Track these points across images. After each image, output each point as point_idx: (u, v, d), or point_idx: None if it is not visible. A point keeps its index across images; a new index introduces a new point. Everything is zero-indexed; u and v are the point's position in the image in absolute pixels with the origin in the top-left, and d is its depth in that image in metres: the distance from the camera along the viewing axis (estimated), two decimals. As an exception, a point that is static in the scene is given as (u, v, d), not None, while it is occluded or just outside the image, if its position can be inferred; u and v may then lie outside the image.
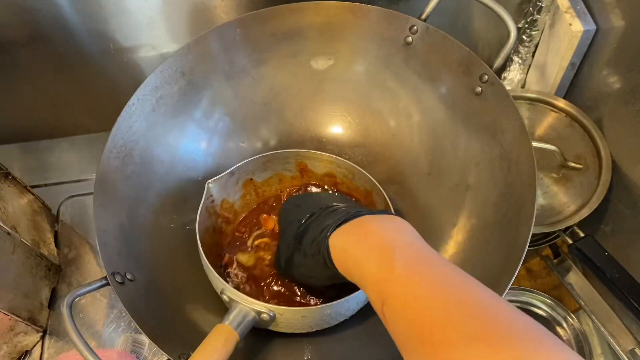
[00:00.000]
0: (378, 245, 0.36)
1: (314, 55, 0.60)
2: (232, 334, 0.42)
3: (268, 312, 0.44)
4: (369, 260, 0.35)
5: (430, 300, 0.30)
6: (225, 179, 0.53)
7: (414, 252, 0.35)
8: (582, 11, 0.60)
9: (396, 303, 0.32)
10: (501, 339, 0.25)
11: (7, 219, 0.56)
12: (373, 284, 0.34)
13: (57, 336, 0.61)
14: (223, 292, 0.45)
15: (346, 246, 0.39)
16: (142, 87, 0.53)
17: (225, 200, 0.55)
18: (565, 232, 0.60)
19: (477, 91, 0.53)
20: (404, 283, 0.32)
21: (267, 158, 0.56)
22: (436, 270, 0.33)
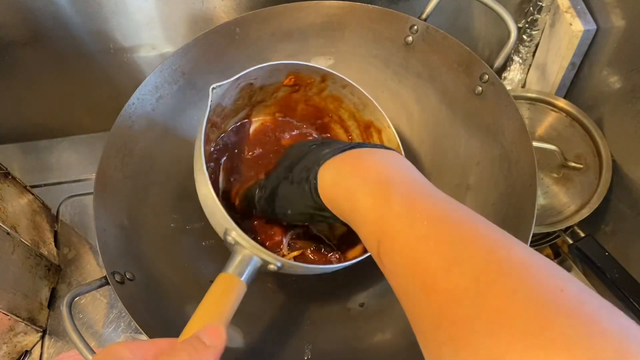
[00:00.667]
0: (374, 177, 0.32)
1: (314, 55, 0.60)
2: (238, 284, 0.38)
3: (276, 263, 0.40)
4: (363, 193, 0.31)
5: (434, 240, 0.26)
6: (229, 85, 0.48)
7: (415, 186, 0.31)
8: (582, 11, 0.60)
9: (394, 244, 0.28)
10: (517, 287, 0.21)
11: (6, 218, 0.56)
12: (367, 220, 0.30)
13: (56, 336, 0.60)
14: (228, 233, 0.40)
15: (337, 177, 0.34)
16: (142, 87, 0.53)
17: (219, 105, 0.50)
18: (565, 232, 0.60)
19: (477, 91, 0.53)
20: (403, 221, 0.28)
21: (276, 67, 0.50)
22: (439, 207, 0.28)
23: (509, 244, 0.24)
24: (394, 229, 0.28)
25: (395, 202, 0.29)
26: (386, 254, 0.28)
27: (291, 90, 0.55)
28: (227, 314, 0.36)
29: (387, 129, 0.51)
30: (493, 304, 0.21)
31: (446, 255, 0.24)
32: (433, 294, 0.24)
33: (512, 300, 0.21)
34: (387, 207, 0.29)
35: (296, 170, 0.40)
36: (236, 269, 0.39)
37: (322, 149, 0.39)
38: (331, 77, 0.52)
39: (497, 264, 0.23)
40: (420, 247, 0.26)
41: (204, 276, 0.53)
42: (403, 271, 0.27)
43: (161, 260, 0.51)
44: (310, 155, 0.39)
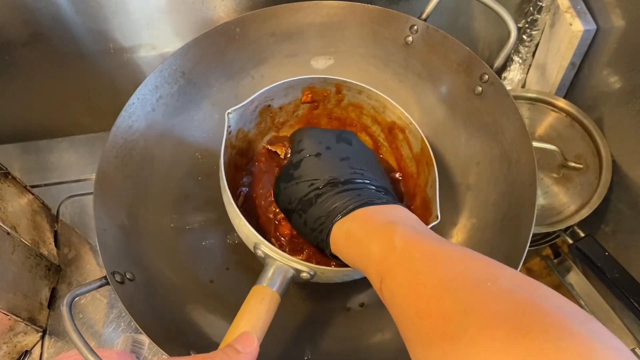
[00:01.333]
0: (380, 227, 0.37)
1: (314, 55, 0.60)
2: (274, 297, 0.39)
3: (309, 271, 0.41)
4: (371, 240, 0.36)
5: (428, 274, 0.30)
6: (245, 108, 0.49)
7: (414, 231, 0.35)
8: (582, 11, 0.60)
9: (394, 279, 0.32)
10: (500, 309, 0.24)
11: (6, 218, 0.56)
12: (373, 262, 0.35)
13: (56, 336, 0.60)
14: (257, 247, 0.42)
15: (350, 231, 0.40)
16: (142, 87, 0.53)
17: (240, 130, 0.52)
18: (565, 232, 0.60)
19: (477, 91, 0.53)
20: (403, 260, 0.32)
21: (289, 84, 0.52)
22: (435, 247, 0.32)
23: (495, 275, 0.28)
24: (394, 267, 0.32)
25: (397, 244, 0.34)
26: (387, 288, 0.32)
27: (310, 107, 0.56)
28: (260, 324, 0.38)
29: (409, 125, 0.51)
30: (477, 323, 0.24)
31: (438, 286, 0.28)
32: (426, 318, 0.28)
33: (493, 318, 0.24)
34: (391, 249, 0.34)
35: (310, 214, 0.45)
36: (269, 280, 0.40)
37: (334, 200, 0.43)
38: (345, 85, 0.53)
39: (482, 292, 0.26)
40: (416, 279, 0.30)
41: (204, 276, 0.53)
42: (401, 301, 0.31)
43: (161, 260, 0.51)
44: (322, 202, 0.44)
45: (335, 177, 0.46)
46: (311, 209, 0.45)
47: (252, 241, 0.43)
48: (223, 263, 0.55)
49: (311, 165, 0.48)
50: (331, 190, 0.45)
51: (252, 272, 0.53)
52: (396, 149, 0.55)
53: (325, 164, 0.48)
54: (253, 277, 0.42)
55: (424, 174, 0.51)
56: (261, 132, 0.56)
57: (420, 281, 0.30)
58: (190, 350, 0.44)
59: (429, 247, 0.33)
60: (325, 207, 0.43)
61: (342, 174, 0.46)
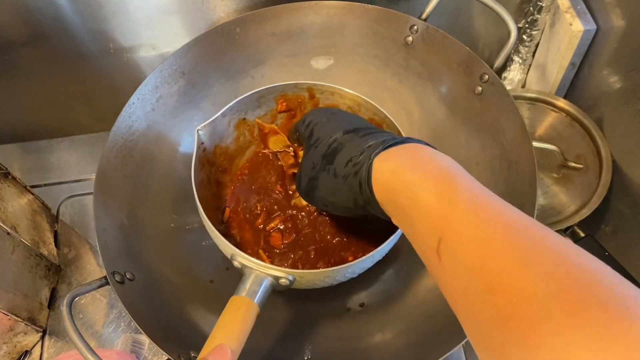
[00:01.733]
0: (437, 173, 0.31)
1: (314, 55, 0.60)
2: (250, 306, 0.38)
3: (287, 276, 0.40)
4: (427, 188, 0.30)
5: (501, 242, 0.25)
6: (216, 122, 0.49)
7: (477, 187, 0.30)
8: (582, 11, 0.60)
9: (459, 242, 0.27)
10: (587, 293, 0.21)
11: (6, 218, 0.56)
12: (428, 216, 0.29)
13: (56, 336, 0.60)
14: (233, 259, 0.42)
15: (398, 170, 0.33)
16: (142, 87, 0.53)
17: (217, 146, 0.51)
18: (565, 232, 0.60)
19: (477, 91, 0.53)
20: (469, 220, 0.27)
21: (260, 94, 0.51)
22: (505, 210, 0.28)
23: (577, 251, 0.24)
24: (458, 227, 0.27)
25: (461, 200, 0.28)
26: (447, 252, 0.28)
27: (288, 115, 0.56)
28: (236, 334, 0.36)
29: (385, 119, 0.51)
30: (564, 307, 0.21)
31: (514, 257, 0.24)
32: (499, 294, 0.24)
33: (583, 304, 0.21)
34: (452, 204, 0.29)
35: (338, 161, 0.39)
36: (246, 290, 0.40)
37: (365, 141, 0.37)
38: (316, 88, 0.53)
39: (567, 269, 0.23)
40: (487, 247, 0.26)
41: (204, 276, 0.53)
42: (465, 270, 0.26)
43: (161, 260, 0.51)
44: (351, 146, 0.38)
45: (354, 126, 0.40)
46: (338, 156, 0.39)
47: (228, 253, 0.43)
48: (223, 263, 0.55)
49: (324, 126, 0.43)
50: (355, 135, 0.39)
51: (252, 272, 0.53)
52: None
53: (338, 121, 0.43)
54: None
55: None
56: (241, 146, 0.55)
57: (493, 249, 0.25)
58: (190, 350, 0.44)
59: (499, 208, 0.28)
60: (357, 147, 0.37)
61: (359, 124, 0.41)
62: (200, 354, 0.35)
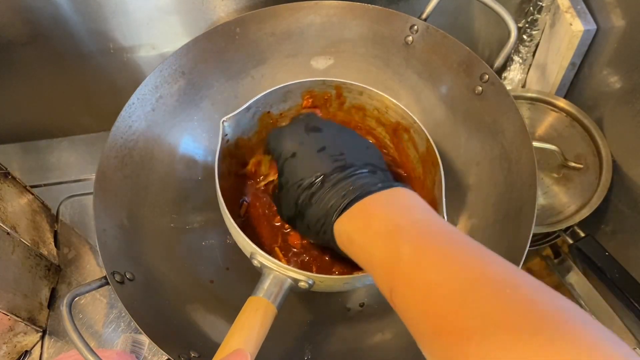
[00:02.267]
0: (383, 230, 0.34)
1: (314, 55, 0.60)
2: (269, 309, 0.38)
3: (307, 280, 0.40)
4: (375, 247, 0.33)
5: (442, 285, 0.27)
6: (241, 115, 0.48)
7: (422, 230, 0.32)
8: (582, 11, 0.60)
9: (406, 291, 0.29)
10: (524, 325, 0.23)
11: (6, 218, 0.56)
12: (380, 271, 0.33)
13: (56, 336, 0.60)
14: (253, 257, 0.41)
15: (351, 234, 0.37)
16: (141, 87, 0.53)
17: (240, 138, 0.51)
18: (565, 232, 0.60)
19: (477, 91, 0.53)
20: (412, 270, 0.30)
21: (288, 88, 0.51)
22: (447, 249, 0.30)
23: (515, 282, 0.26)
24: (404, 278, 0.30)
25: (404, 252, 0.31)
26: (398, 299, 0.30)
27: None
28: (254, 337, 0.36)
29: (413, 125, 0.50)
30: (502, 340, 0.23)
31: (455, 299, 0.26)
32: (444, 334, 0.26)
33: (519, 337, 0.22)
34: (397, 257, 0.31)
35: (309, 218, 0.42)
36: (265, 291, 0.39)
37: (330, 197, 0.40)
38: (345, 87, 0.52)
39: (504, 304, 0.24)
40: (430, 293, 0.28)
41: (204, 276, 0.53)
42: (414, 314, 0.29)
43: (161, 260, 0.51)
44: (318, 203, 0.41)
45: (321, 172, 0.42)
46: (309, 211, 0.42)
47: (248, 251, 0.43)
48: (223, 263, 0.55)
49: (292, 166, 0.45)
50: (321, 187, 0.42)
51: (252, 273, 0.53)
52: (402, 150, 0.54)
53: (305, 162, 0.45)
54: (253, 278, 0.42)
55: (430, 175, 0.50)
56: (263, 139, 0.54)
57: (434, 293, 0.27)
58: (190, 350, 0.44)
59: (440, 251, 0.30)
60: (322, 207, 0.41)
61: (325, 167, 0.43)
62: (217, 356, 0.35)
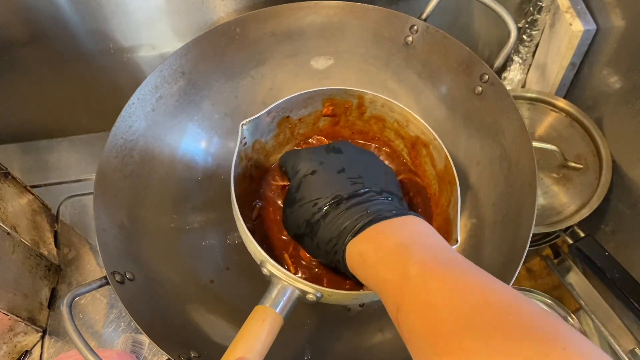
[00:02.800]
0: (394, 251, 0.35)
1: (314, 55, 0.60)
2: (276, 320, 0.38)
3: (315, 293, 0.40)
4: (386, 267, 0.35)
5: (447, 307, 0.28)
6: (260, 119, 0.48)
7: (431, 254, 0.34)
8: (582, 11, 0.60)
9: (411, 310, 0.31)
10: (525, 351, 0.24)
11: (6, 218, 0.56)
12: (389, 291, 0.34)
13: (56, 336, 0.60)
14: (262, 265, 0.41)
15: (363, 255, 0.38)
16: (141, 87, 0.53)
17: (257, 141, 0.51)
18: (565, 232, 0.60)
19: (477, 91, 0.53)
20: (419, 290, 0.31)
21: (309, 95, 0.51)
22: (453, 273, 0.31)
23: (517, 307, 0.27)
24: (411, 298, 0.31)
25: (413, 273, 0.32)
26: (403, 319, 0.31)
27: (332, 120, 0.55)
28: (259, 347, 0.36)
29: (433, 141, 0.50)
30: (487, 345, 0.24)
31: (458, 322, 0.27)
32: (445, 355, 0.26)
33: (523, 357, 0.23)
34: (405, 278, 0.32)
35: (320, 237, 0.43)
36: (272, 301, 0.39)
37: (344, 219, 0.41)
38: (367, 97, 0.52)
39: (505, 328, 0.25)
40: (435, 314, 0.29)
41: (204, 276, 0.53)
42: (418, 335, 0.29)
43: (161, 260, 0.51)
44: (331, 223, 0.42)
45: (338, 194, 0.43)
46: (320, 231, 0.43)
47: (258, 258, 0.43)
48: (223, 263, 0.55)
49: (310, 184, 0.46)
50: (336, 208, 0.42)
51: (252, 272, 0.53)
52: (419, 165, 0.54)
53: (324, 181, 0.45)
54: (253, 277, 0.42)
55: (446, 193, 0.50)
56: (280, 143, 0.55)
57: (438, 316, 0.28)
58: (190, 350, 0.44)
59: (447, 275, 0.31)
60: (335, 228, 0.41)
61: (343, 189, 0.44)
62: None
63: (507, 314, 0.26)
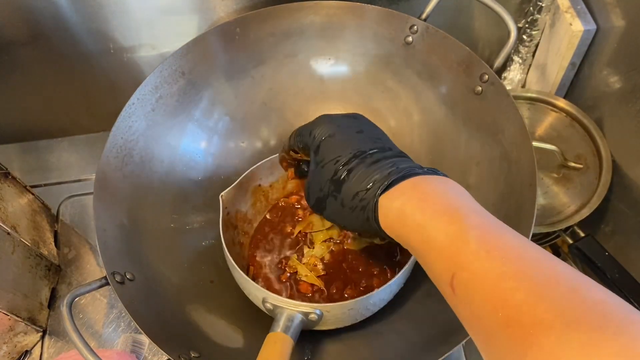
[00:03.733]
0: (445, 210, 0.32)
1: (314, 55, 0.60)
2: (286, 340, 0.42)
3: (315, 311, 0.44)
4: (436, 228, 0.31)
5: (516, 278, 0.26)
6: (236, 190, 0.52)
7: (487, 221, 0.31)
8: (582, 11, 0.60)
9: (473, 279, 0.28)
10: (603, 325, 0.23)
11: (6, 218, 0.56)
12: (440, 255, 0.31)
13: (57, 336, 0.60)
14: (265, 301, 0.45)
15: (405, 210, 0.34)
16: (141, 87, 0.53)
17: (238, 211, 0.55)
18: (565, 232, 0.60)
19: (477, 91, 0.53)
20: (482, 257, 0.28)
21: (271, 162, 0.54)
22: (515, 244, 0.29)
23: (587, 283, 0.26)
24: (472, 265, 0.29)
25: (472, 239, 0.30)
26: (461, 286, 0.29)
27: (299, 183, 0.56)
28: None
29: None
30: (581, 337, 0.23)
31: (530, 292, 0.26)
32: (517, 327, 0.25)
33: (599, 334, 0.23)
34: (464, 243, 0.30)
35: (345, 192, 0.39)
36: (280, 327, 0.43)
37: (372, 172, 0.38)
38: None
39: (581, 301, 0.24)
40: (502, 283, 0.27)
41: (204, 276, 0.53)
42: (481, 304, 0.28)
43: (161, 260, 0.51)
44: (358, 177, 0.38)
45: (361, 149, 0.40)
46: (345, 186, 0.39)
47: (260, 297, 0.46)
48: (223, 263, 0.55)
49: (330, 145, 0.42)
50: (361, 162, 0.39)
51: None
52: None
53: (344, 140, 0.42)
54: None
55: None
56: (258, 211, 0.57)
57: (507, 285, 0.26)
58: (190, 350, 0.44)
59: (510, 243, 0.29)
60: (364, 181, 0.38)
61: (365, 145, 0.40)
62: None
63: (577, 287, 0.25)
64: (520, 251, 0.28)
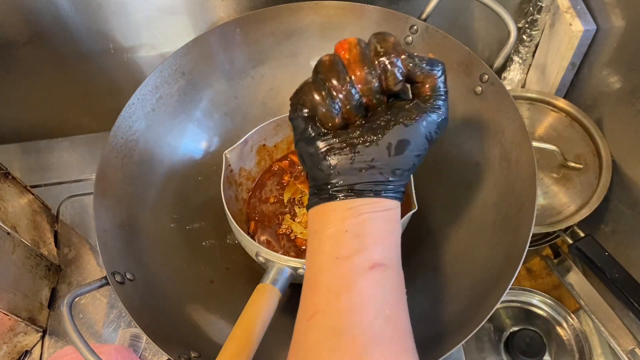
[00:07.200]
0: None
1: (314, 55, 0.60)
2: (273, 291, 0.44)
3: (303, 267, 0.45)
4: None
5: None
6: (240, 148, 0.53)
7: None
8: (582, 11, 0.60)
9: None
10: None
11: (7, 218, 0.56)
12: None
13: (57, 336, 0.60)
14: (258, 255, 0.47)
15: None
16: (142, 87, 0.53)
17: (242, 168, 0.56)
18: (565, 232, 0.60)
19: (477, 91, 0.53)
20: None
21: (276, 123, 0.55)
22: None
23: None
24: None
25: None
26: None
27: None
28: (262, 315, 0.42)
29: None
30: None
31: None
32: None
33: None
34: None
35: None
36: (269, 279, 0.44)
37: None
38: None
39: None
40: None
41: (204, 276, 0.53)
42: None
43: (161, 260, 0.51)
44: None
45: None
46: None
47: (253, 251, 0.47)
48: (223, 263, 0.55)
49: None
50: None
51: (251, 272, 0.53)
52: None
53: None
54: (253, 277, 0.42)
55: None
56: (262, 169, 0.59)
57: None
58: (190, 350, 0.44)
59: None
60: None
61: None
62: (233, 333, 0.40)
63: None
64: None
